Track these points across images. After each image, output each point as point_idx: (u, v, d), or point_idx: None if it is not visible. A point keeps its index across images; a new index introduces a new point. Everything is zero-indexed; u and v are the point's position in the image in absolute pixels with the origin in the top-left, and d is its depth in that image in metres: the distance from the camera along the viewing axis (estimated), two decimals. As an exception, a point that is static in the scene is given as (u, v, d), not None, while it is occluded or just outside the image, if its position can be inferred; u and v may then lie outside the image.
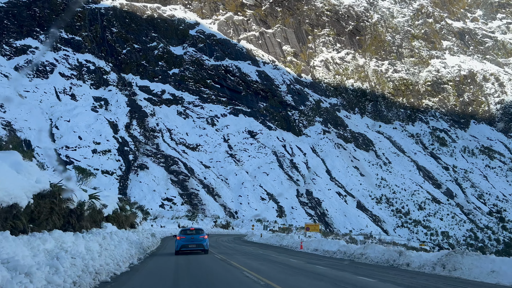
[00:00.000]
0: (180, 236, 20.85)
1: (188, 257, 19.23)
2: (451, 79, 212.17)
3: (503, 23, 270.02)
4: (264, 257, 21.67)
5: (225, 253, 22.94)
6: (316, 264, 18.42)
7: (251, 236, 44.59)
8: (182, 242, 20.51)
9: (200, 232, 21.53)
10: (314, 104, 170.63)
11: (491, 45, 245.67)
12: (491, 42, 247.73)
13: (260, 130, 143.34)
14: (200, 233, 21.39)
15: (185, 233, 21.40)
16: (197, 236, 21.01)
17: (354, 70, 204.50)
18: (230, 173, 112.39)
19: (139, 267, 14.02)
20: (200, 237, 21.03)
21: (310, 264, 18.00)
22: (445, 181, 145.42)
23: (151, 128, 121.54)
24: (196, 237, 20.99)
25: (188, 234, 21.27)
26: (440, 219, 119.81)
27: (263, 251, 27.14)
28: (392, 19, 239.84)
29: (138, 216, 26.63)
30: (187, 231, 21.72)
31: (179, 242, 20.50)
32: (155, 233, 27.39)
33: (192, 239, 20.78)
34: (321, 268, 16.52)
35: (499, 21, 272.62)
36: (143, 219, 32.51)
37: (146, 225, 30.61)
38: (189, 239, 20.77)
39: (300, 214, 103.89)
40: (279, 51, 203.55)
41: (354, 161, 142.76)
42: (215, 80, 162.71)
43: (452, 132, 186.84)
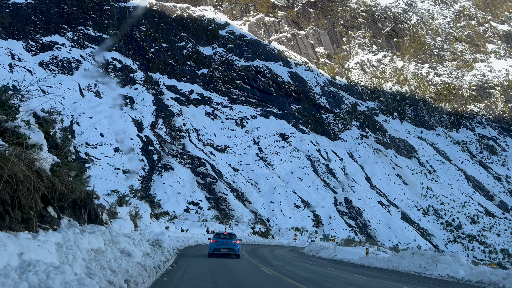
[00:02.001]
0: (213, 239, 21.28)
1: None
2: (498, 83, 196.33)
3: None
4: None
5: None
6: None
7: (315, 249, 35.38)
8: (215, 246, 20.99)
9: (233, 237, 21.92)
10: (350, 107, 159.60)
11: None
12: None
13: (292, 133, 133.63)
14: (233, 238, 21.77)
15: (218, 237, 21.69)
16: (229, 241, 21.37)
17: (392, 73, 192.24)
18: (261, 177, 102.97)
19: None
20: (233, 241, 21.38)
21: None
22: (498, 193, 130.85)
23: (177, 128, 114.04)
24: (229, 241, 21.35)
25: (221, 238, 21.59)
26: (497, 235, 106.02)
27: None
28: (432, 21, 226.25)
29: (130, 204, 17.84)
30: (221, 235, 21.98)
31: (212, 245, 21.01)
32: (163, 241, 16.31)
33: (225, 243, 21.12)
34: None
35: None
36: (153, 216, 23.14)
37: (155, 226, 21.39)
38: (222, 243, 21.11)
39: (339, 225, 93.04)
40: (312, 53, 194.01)
41: (396, 168, 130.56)
42: (245, 81, 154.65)
43: (502, 140, 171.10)
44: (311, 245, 37.29)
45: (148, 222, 20.10)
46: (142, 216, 17.65)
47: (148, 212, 20.38)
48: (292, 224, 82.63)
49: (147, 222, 19.79)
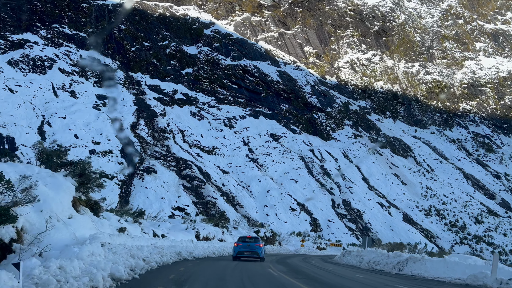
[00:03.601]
0: (237, 243, 21.34)
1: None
2: (489, 81, 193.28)
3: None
4: None
5: None
6: None
7: (388, 261, 24.59)
8: (238, 249, 20.97)
9: (256, 240, 21.75)
10: (341, 107, 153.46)
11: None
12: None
13: (283, 133, 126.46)
14: (257, 241, 21.63)
15: (243, 240, 21.65)
16: (253, 244, 21.19)
17: (382, 71, 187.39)
18: (253, 180, 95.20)
19: None
20: (256, 245, 21.22)
21: None
22: (499, 191, 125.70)
23: (160, 129, 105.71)
24: (252, 245, 21.18)
25: (245, 241, 21.48)
26: (503, 235, 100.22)
27: None
28: (420, 20, 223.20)
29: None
30: (245, 239, 21.97)
31: (236, 249, 21.03)
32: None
33: (248, 247, 21.00)
34: None
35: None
36: (86, 205, 12.93)
37: (83, 225, 11.45)
38: (245, 246, 21.01)
39: (339, 228, 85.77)
40: (300, 52, 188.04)
41: (393, 168, 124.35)
42: (232, 80, 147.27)
43: (496, 137, 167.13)
44: (362, 254, 28.63)
45: (66, 215, 11.37)
46: (39, 199, 9.20)
47: (65, 194, 11.58)
48: (289, 229, 75.03)
49: (62, 214, 11.19)
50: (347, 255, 33.43)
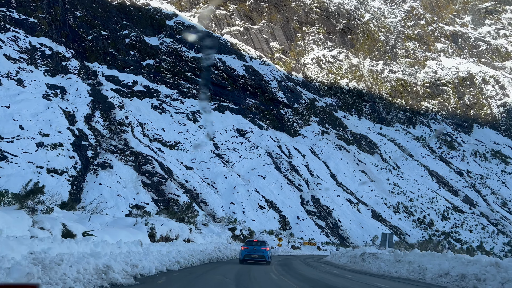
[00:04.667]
0: (244, 246, 21.38)
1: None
2: (450, 81, 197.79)
3: (493, 28, 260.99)
4: None
5: None
6: None
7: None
8: (245, 252, 20.92)
9: (263, 244, 21.52)
10: (308, 103, 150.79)
11: (485, 49, 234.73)
12: (485, 45, 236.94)
13: (250, 128, 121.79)
14: (263, 245, 21.47)
15: (249, 243, 21.77)
16: (259, 248, 21.10)
17: (348, 69, 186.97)
18: (218, 176, 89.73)
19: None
20: (262, 248, 21.12)
21: None
22: (462, 188, 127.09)
23: (118, 122, 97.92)
24: (258, 248, 21.10)
25: (252, 245, 21.62)
26: (469, 231, 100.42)
27: None
28: (384, 19, 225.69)
29: None
30: (252, 242, 22.05)
31: (243, 252, 21.01)
32: None
33: (255, 250, 20.99)
34: None
35: (488, 27, 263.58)
36: None
37: None
38: (252, 249, 20.99)
39: (309, 226, 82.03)
40: (267, 48, 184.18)
41: (360, 164, 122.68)
42: (196, 73, 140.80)
43: (457, 136, 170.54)
44: (406, 258, 19.41)
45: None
46: None
47: None
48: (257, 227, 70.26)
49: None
50: (359, 259, 25.89)
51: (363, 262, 24.96)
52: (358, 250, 28.89)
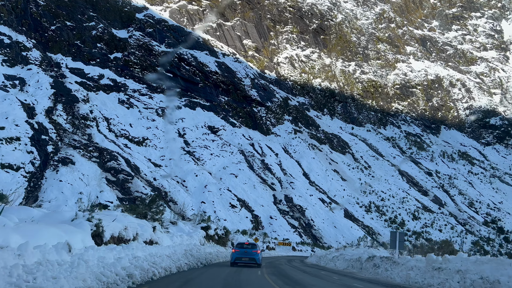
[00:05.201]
0: (235, 249, 21.36)
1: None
2: (419, 83, 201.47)
3: (459, 34, 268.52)
4: None
5: None
6: None
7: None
8: (236, 255, 20.98)
9: (254, 247, 21.60)
10: (281, 102, 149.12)
11: (452, 53, 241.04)
12: (452, 50, 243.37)
13: (222, 126, 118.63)
14: (254, 247, 21.50)
15: (240, 246, 21.69)
16: (250, 250, 21.15)
17: (320, 69, 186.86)
18: (189, 174, 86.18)
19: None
20: (253, 251, 21.18)
21: None
22: (431, 188, 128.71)
23: (82, 116, 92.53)
24: (250, 251, 21.13)
25: (243, 247, 21.52)
26: (439, 231, 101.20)
27: None
28: (356, 21, 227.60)
29: None
30: (243, 245, 21.88)
31: (234, 255, 21.04)
32: None
33: (246, 253, 21.10)
34: None
35: (455, 32, 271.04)
36: None
37: None
38: (243, 252, 21.13)
39: (282, 225, 79.85)
40: (240, 45, 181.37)
41: (333, 164, 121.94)
42: (167, 68, 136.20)
43: (426, 137, 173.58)
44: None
45: None
46: None
47: None
48: (229, 227, 67.34)
49: None
50: (367, 264, 21.50)
51: (376, 269, 20.59)
52: (361, 253, 24.99)
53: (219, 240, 24.33)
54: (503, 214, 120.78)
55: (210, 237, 22.28)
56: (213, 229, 22.91)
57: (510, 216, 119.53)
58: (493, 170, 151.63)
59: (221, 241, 25.04)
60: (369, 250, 23.11)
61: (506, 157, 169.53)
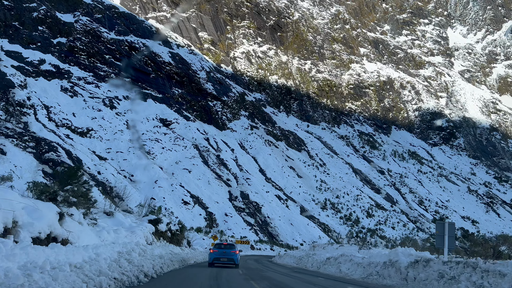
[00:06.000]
0: (213, 249, 21.04)
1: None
2: (371, 84, 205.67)
3: (409, 38, 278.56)
4: None
5: None
6: None
7: None
8: (214, 255, 20.70)
9: (232, 247, 21.50)
10: (238, 97, 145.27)
11: (402, 56, 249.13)
12: (402, 53, 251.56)
13: (175, 119, 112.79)
14: (232, 248, 21.40)
15: (218, 247, 21.36)
16: (228, 251, 20.99)
17: (277, 66, 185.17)
18: (137, 168, 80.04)
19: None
20: (232, 251, 21.05)
21: None
22: (383, 186, 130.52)
23: (18, 102, 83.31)
24: (228, 251, 20.98)
25: (221, 248, 21.24)
26: (392, 228, 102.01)
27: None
28: (313, 20, 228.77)
29: None
30: (221, 245, 21.57)
31: (212, 255, 20.72)
32: None
33: (224, 253, 20.85)
34: None
35: (405, 37, 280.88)
36: None
37: None
38: (222, 253, 20.86)
39: (237, 223, 76.05)
40: (195, 37, 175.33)
41: (289, 160, 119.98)
42: (116, 56, 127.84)
43: (378, 136, 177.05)
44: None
45: None
46: None
47: None
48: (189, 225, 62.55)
49: None
50: (409, 273, 14.53)
51: (445, 283, 12.58)
52: (387, 254, 17.00)
53: (173, 238, 19.81)
54: (450, 212, 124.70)
55: (161, 234, 17.44)
56: (165, 224, 18.12)
57: (457, 214, 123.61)
58: (440, 169, 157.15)
59: (175, 239, 20.50)
60: (400, 251, 16.01)
61: (451, 158, 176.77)
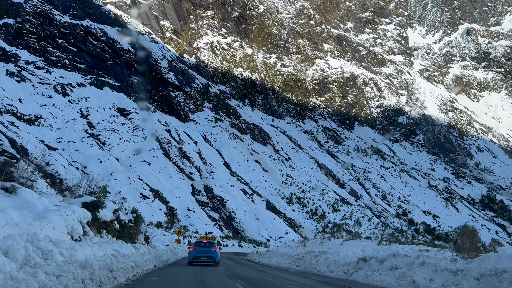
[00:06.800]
0: (193, 247, 20.46)
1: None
2: (335, 79, 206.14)
3: (371, 37, 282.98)
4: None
5: None
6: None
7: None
8: (194, 254, 20.06)
9: (212, 245, 20.85)
10: (201, 88, 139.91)
11: (365, 54, 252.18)
12: (365, 51, 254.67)
13: (134, 108, 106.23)
14: (212, 246, 20.77)
15: (198, 245, 20.80)
16: (209, 249, 20.37)
17: (242, 58, 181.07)
18: (91, 159, 73.58)
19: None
20: (212, 249, 20.39)
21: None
22: (348, 181, 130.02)
23: (-47, 85, 74.38)
24: (208, 249, 20.34)
25: (201, 246, 20.67)
26: (357, 223, 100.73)
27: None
28: (278, 14, 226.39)
29: None
30: (201, 243, 20.99)
31: (192, 254, 20.07)
32: None
33: (204, 251, 20.19)
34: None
35: (367, 35, 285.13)
36: None
37: None
38: (202, 251, 20.21)
39: (201, 218, 71.57)
40: (156, 25, 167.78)
41: (254, 154, 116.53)
42: (70, 41, 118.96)
43: (341, 132, 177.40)
44: None
45: None
46: None
47: None
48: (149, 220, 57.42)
49: None
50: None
51: None
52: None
53: (123, 232, 13.96)
54: (412, 206, 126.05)
55: (103, 225, 11.79)
56: (111, 210, 12.72)
57: (418, 209, 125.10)
58: (401, 165, 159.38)
59: (127, 232, 14.74)
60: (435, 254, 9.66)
61: (411, 154, 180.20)
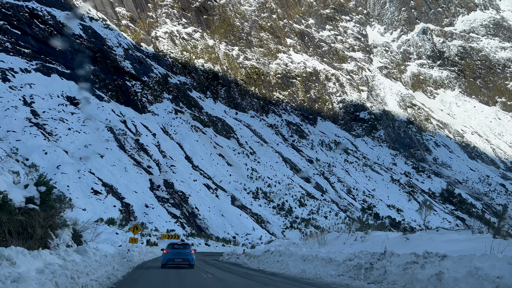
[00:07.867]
0: (167, 250, 19.83)
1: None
2: (298, 74, 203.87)
3: (332, 33, 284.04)
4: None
5: None
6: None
7: None
8: (168, 256, 19.59)
9: (187, 247, 20.44)
10: (160, 78, 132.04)
11: (326, 50, 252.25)
12: (327, 47, 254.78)
13: (85, 98, 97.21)
14: (187, 247, 20.37)
15: (172, 247, 20.21)
16: (183, 251, 19.95)
17: (203, 49, 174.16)
18: (35, 151, 65.07)
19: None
20: (187, 251, 20.00)
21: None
22: (313, 175, 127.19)
23: None
24: (183, 251, 19.94)
25: (175, 248, 20.15)
26: (325, 217, 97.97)
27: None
28: (240, 6, 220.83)
29: None
30: (175, 245, 20.41)
31: (166, 256, 19.60)
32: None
33: (179, 253, 19.81)
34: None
35: (328, 31, 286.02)
36: None
37: None
38: (176, 253, 19.82)
39: (160, 215, 65.12)
40: (111, 12, 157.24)
41: (218, 148, 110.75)
42: (13, 23, 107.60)
43: (304, 126, 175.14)
44: None
45: None
46: None
47: None
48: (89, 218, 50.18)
49: None
50: None
51: None
52: None
53: (13, 223, 7.64)
54: (377, 201, 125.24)
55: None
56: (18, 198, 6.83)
57: (383, 203, 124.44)
58: (364, 159, 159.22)
59: (20, 225, 8.16)
60: None
61: (373, 148, 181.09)
